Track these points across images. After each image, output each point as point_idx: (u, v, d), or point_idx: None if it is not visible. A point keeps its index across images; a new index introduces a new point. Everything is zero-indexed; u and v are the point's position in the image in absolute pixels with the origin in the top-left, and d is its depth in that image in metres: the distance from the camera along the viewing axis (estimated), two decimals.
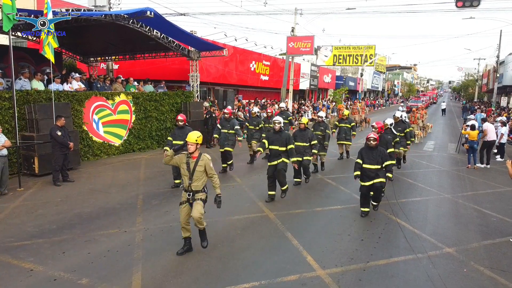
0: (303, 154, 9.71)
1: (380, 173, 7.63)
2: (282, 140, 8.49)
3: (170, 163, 5.88)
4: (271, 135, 8.72)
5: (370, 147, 7.69)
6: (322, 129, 11.68)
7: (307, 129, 9.88)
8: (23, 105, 10.46)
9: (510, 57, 38.18)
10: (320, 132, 11.62)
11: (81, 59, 17.86)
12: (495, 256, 6.26)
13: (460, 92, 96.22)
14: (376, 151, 7.66)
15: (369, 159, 7.66)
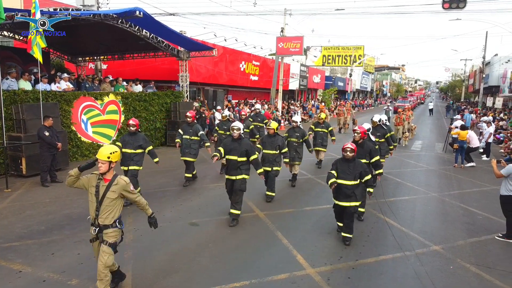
0: (272, 163, 8.61)
1: (358, 191, 6.34)
2: (242, 150, 7.16)
3: (75, 185, 4.50)
4: (228, 142, 7.35)
5: (346, 159, 6.39)
6: (298, 135, 10.04)
7: (277, 135, 8.76)
8: (10, 105, 10.33)
9: (495, 58, 38.92)
10: (295, 138, 10.01)
11: (69, 58, 17.69)
12: (481, 253, 6.39)
13: (448, 92, 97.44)
14: (354, 164, 6.35)
15: (345, 173, 6.33)
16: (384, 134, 10.35)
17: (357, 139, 7.47)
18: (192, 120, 9.97)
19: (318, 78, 42.02)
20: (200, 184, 10.11)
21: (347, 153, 6.38)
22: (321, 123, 12.12)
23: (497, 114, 29.07)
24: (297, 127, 10.21)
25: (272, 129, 8.77)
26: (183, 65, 17.01)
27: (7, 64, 13.53)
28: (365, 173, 6.37)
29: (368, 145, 7.61)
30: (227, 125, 11.17)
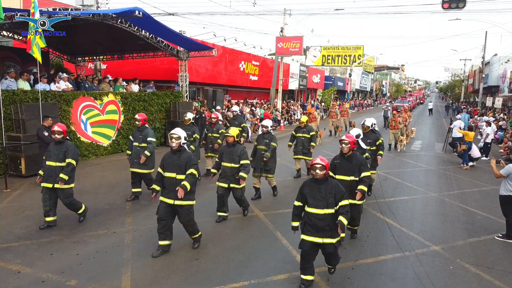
0: (230, 179, 7.16)
1: (333, 223, 4.84)
2: (181, 164, 5.77)
3: None
4: (167, 156, 5.97)
5: (316, 179, 4.91)
6: (267, 142, 8.65)
7: (237, 144, 7.33)
8: (9, 105, 10.31)
9: (495, 58, 38.94)
10: (263, 146, 8.66)
11: (68, 58, 17.67)
12: (481, 253, 6.39)
13: (447, 92, 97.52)
14: (326, 186, 4.89)
15: (315, 198, 4.87)
16: (376, 140, 8.91)
17: (346, 151, 6.10)
18: (142, 124, 8.43)
19: (317, 78, 42.02)
20: (199, 184, 10.09)
21: (316, 172, 4.86)
22: (303, 128, 10.74)
23: (496, 114, 29.08)
24: (267, 133, 8.75)
25: (231, 136, 7.21)
26: (183, 65, 17.00)
27: (6, 64, 13.53)
28: (340, 196, 4.88)
29: (358, 159, 6.19)
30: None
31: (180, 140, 5.87)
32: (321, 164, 4.86)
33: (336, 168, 6.22)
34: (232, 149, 7.22)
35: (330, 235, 4.84)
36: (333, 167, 6.17)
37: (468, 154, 13.77)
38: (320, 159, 4.91)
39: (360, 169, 6.14)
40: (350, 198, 5.56)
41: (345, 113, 23.64)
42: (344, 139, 6.11)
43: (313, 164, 4.92)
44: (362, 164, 6.19)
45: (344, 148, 6.11)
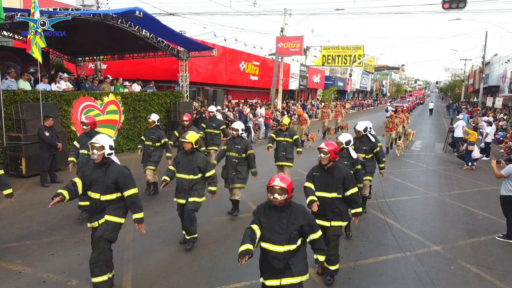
0: (188, 192, 6.03)
1: (297, 261, 3.76)
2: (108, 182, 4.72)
3: None
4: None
5: (275, 206, 3.71)
6: (239, 148, 7.47)
7: (196, 151, 6.12)
8: (10, 105, 10.32)
9: (495, 58, 38.97)
10: (235, 153, 7.46)
11: (68, 58, 17.67)
12: (481, 254, 6.39)
13: (447, 92, 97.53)
14: (289, 214, 3.72)
15: (272, 231, 3.74)
16: (372, 148, 7.67)
17: (325, 163, 4.98)
18: (91, 128, 7.42)
19: (318, 78, 42.03)
20: None
21: (274, 197, 3.64)
22: (284, 131, 9.33)
23: (497, 114, 29.09)
24: (238, 137, 7.55)
25: (188, 142, 5.96)
26: (183, 65, 17.00)
27: (6, 64, 13.53)
28: (310, 228, 3.77)
29: (342, 172, 5.05)
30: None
31: (103, 151, 4.63)
32: (280, 186, 3.60)
33: (315, 182, 5.07)
34: (190, 157, 6.02)
35: (289, 274, 3.72)
36: (311, 181, 5.11)
37: None
38: (280, 179, 3.66)
39: (345, 184, 5.00)
40: (332, 219, 4.99)
41: (339, 114, 22.64)
42: (323, 147, 4.95)
43: (271, 184, 3.64)
44: (347, 177, 5.02)
45: (323, 159, 4.95)
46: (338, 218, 5.03)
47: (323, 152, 4.96)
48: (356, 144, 7.44)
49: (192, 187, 6.05)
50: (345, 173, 5.06)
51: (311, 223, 3.82)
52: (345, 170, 5.17)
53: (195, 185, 6.07)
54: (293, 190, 3.72)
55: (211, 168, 6.19)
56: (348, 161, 6.39)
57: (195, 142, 6.05)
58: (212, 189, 6.28)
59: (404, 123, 17.88)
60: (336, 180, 5.00)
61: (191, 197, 6.05)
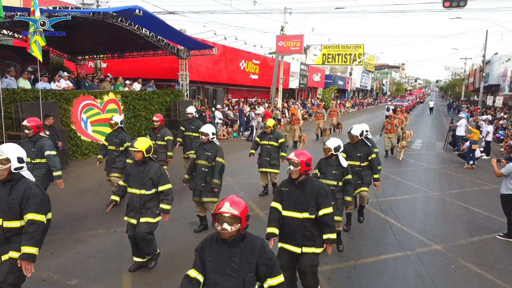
0: (139, 211, 5.10)
1: None
2: None
3: None
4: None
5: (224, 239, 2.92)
6: (209, 155, 6.48)
7: (150, 161, 5.17)
8: (10, 104, 10.30)
9: (495, 56, 38.89)
10: (205, 161, 6.48)
11: (68, 57, 17.65)
12: (482, 253, 6.38)
13: (447, 91, 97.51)
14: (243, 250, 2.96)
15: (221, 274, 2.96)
16: (367, 154, 6.73)
17: (295, 176, 4.17)
18: (34, 132, 6.57)
19: (318, 76, 41.99)
20: None
21: (223, 227, 2.85)
22: (269, 134, 8.65)
23: (497, 112, 29.07)
24: (209, 142, 6.58)
25: (138, 151, 5.01)
26: (183, 63, 16.98)
27: (6, 63, 13.51)
28: (267, 270, 3.00)
29: (315, 187, 4.20)
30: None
31: (8, 165, 3.65)
32: (230, 213, 2.80)
33: (283, 199, 4.26)
34: (141, 168, 5.07)
35: None
36: (279, 198, 4.31)
37: None
38: (231, 203, 2.84)
39: (318, 202, 4.14)
40: (302, 244, 4.16)
41: (334, 114, 21.35)
42: (292, 157, 4.14)
43: (218, 211, 2.84)
44: (321, 195, 4.16)
45: (292, 172, 4.13)
46: (310, 243, 4.17)
47: (292, 163, 4.12)
48: (349, 151, 6.73)
49: (144, 204, 5.07)
50: (318, 188, 4.19)
51: (270, 263, 2.97)
52: (319, 184, 4.29)
53: (148, 202, 5.08)
54: (249, 218, 2.90)
55: (165, 181, 5.14)
56: (336, 170, 5.65)
57: (147, 150, 5.06)
58: (164, 207, 5.12)
59: (403, 124, 16.97)
60: (307, 197, 4.16)
61: (143, 216, 5.07)
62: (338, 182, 5.70)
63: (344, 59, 41.70)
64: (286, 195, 4.26)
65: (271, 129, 8.67)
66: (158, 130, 8.72)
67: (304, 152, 4.25)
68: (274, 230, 4.21)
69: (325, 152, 5.69)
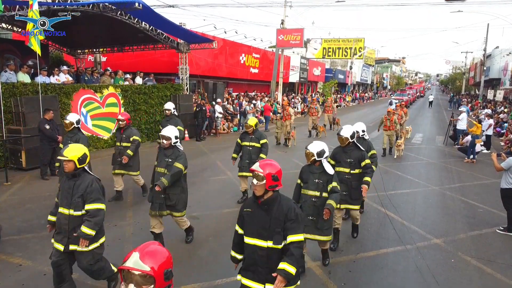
0: (68, 236, 4.15)
1: None
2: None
3: None
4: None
5: None
6: (170, 162, 5.63)
7: (83, 173, 4.18)
8: (9, 98, 10.28)
9: (496, 50, 38.73)
10: (164, 169, 5.65)
11: (68, 51, 17.59)
12: (482, 247, 6.39)
13: (448, 85, 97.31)
14: None
15: None
16: (360, 159, 5.84)
17: (259, 193, 3.33)
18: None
19: (318, 70, 41.86)
20: (200, 178, 10.09)
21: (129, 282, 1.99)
22: (250, 134, 7.85)
23: (497, 106, 29.00)
24: (170, 147, 5.72)
25: (68, 161, 4.03)
26: (183, 57, 16.91)
27: (5, 57, 13.46)
28: None
29: (283, 208, 3.34)
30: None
31: None
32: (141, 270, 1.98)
33: (245, 223, 3.48)
34: (71, 183, 4.10)
35: None
36: (241, 220, 3.53)
37: None
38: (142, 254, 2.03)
39: (286, 227, 3.30)
40: (265, 281, 3.34)
41: (330, 109, 20.04)
42: (256, 169, 3.33)
43: (123, 266, 2.01)
44: (290, 218, 3.30)
45: (256, 188, 3.31)
46: None
47: (256, 176, 3.30)
48: (338, 155, 5.94)
49: (74, 228, 4.09)
50: (287, 209, 3.32)
51: None
52: (289, 205, 3.37)
53: (78, 225, 4.08)
54: (168, 275, 2.13)
55: (95, 198, 4.09)
56: (320, 179, 4.91)
57: (80, 160, 4.05)
58: (84, 231, 4.00)
59: (402, 120, 16.05)
60: (273, 221, 3.30)
61: (72, 243, 4.08)
62: (321, 193, 4.91)
63: (344, 53, 41.48)
64: (249, 217, 3.44)
65: (253, 128, 7.80)
66: (124, 130, 7.79)
67: (271, 163, 3.40)
68: (237, 255, 3.65)
69: (307, 158, 4.97)
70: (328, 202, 4.83)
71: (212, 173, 10.67)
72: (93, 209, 4.11)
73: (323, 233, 5.00)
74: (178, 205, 5.71)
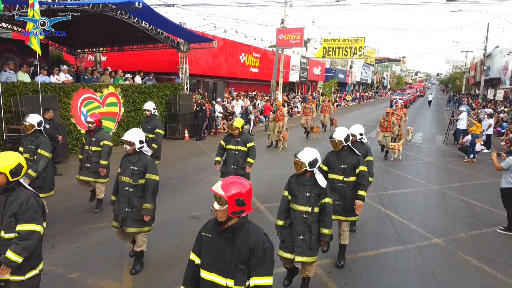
0: None
1: None
2: None
3: None
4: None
5: None
6: (136, 170, 5.01)
7: (19, 188, 3.43)
8: (9, 98, 10.27)
9: (497, 50, 38.71)
10: (129, 178, 5.05)
11: (68, 50, 17.58)
12: (482, 246, 6.39)
13: (448, 85, 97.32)
14: None
15: None
16: (354, 165, 5.21)
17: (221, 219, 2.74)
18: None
19: (318, 70, 41.87)
20: (200, 177, 10.09)
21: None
22: (236, 137, 7.13)
23: (497, 106, 29.00)
24: (135, 153, 5.07)
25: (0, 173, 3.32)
26: (183, 57, 16.90)
27: (5, 56, 13.46)
28: None
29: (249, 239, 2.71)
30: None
31: None
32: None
33: (203, 252, 2.85)
34: (2, 199, 3.37)
35: None
36: (198, 247, 2.89)
37: None
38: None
39: (250, 265, 2.69)
40: None
41: (327, 109, 19.27)
42: (216, 190, 2.66)
43: None
44: (257, 254, 2.67)
45: (217, 213, 2.70)
46: None
47: (216, 199, 2.67)
48: (332, 161, 5.32)
49: None
50: (254, 242, 2.68)
51: None
52: (258, 237, 2.72)
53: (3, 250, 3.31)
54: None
55: (29, 218, 3.33)
56: (311, 192, 4.29)
57: (12, 172, 3.38)
58: (9, 257, 3.24)
59: (401, 121, 15.22)
60: (236, 255, 2.68)
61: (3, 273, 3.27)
62: (313, 208, 4.28)
63: (344, 52, 41.49)
64: (208, 245, 2.78)
65: (239, 130, 7.06)
66: (93, 133, 7.08)
67: (237, 182, 2.70)
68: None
69: (296, 167, 4.33)
70: (322, 232, 4.31)
71: (212, 172, 10.62)
72: (24, 231, 3.29)
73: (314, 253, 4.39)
74: (146, 220, 5.03)
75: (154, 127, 8.54)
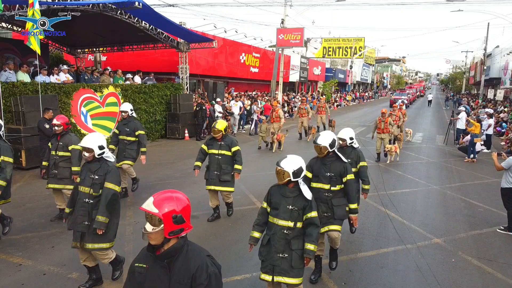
0: None
1: None
2: None
3: None
4: None
5: None
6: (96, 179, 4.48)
7: None
8: (9, 97, 10.27)
9: (497, 49, 38.70)
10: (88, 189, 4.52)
11: (68, 50, 17.58)
12: (482, 246, 6.38)
13: (448, 85, 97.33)
14: None
15: None
16: (341, 174, 4.76)
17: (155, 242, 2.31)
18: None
19: (318, 70, 41.88)
20: (200, 177, 10.06)
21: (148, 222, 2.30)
22: (219, 140, 6.66)
23: (498, 106, 28.99)
24: (96, 160, 4.55)
25: None
26: (183, 57, 16.90)
27: (5, 56, 13.45)
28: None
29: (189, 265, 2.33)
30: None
31: None
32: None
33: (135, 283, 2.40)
34: None
35: None
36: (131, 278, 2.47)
37: None
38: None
39: None
40: None
41: (323, 110, 18.35)
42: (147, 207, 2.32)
43: None
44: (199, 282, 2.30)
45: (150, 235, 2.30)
46: None
47: (149, 219, 2.30)
48: (316, 168, 4.83)
49: None
50: (196, 268, 2.33)
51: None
52: (200, 261, 2.38)
53: None
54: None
55: None
56: (295, 206, 3.84)
57: None
58: None
59: (400, 122, 14.75)
60: (175, 285, 2.31)
61: None
62: (295, 223, 3.83)
63: (344, 52, 41.49)
64: (142, 277, 2.37)
65: (222, 133, 6.56)
66: (60, 137, 6.55)
67: (172, 197, 2.35)
68: None
69: (279, 177, 3.84)
70: (307, 248, 3.78)
71: None
72: None
73: (298, 274, 3.90)
74: (105, 236, 4.48)
75: (134, 129, 7.98)
